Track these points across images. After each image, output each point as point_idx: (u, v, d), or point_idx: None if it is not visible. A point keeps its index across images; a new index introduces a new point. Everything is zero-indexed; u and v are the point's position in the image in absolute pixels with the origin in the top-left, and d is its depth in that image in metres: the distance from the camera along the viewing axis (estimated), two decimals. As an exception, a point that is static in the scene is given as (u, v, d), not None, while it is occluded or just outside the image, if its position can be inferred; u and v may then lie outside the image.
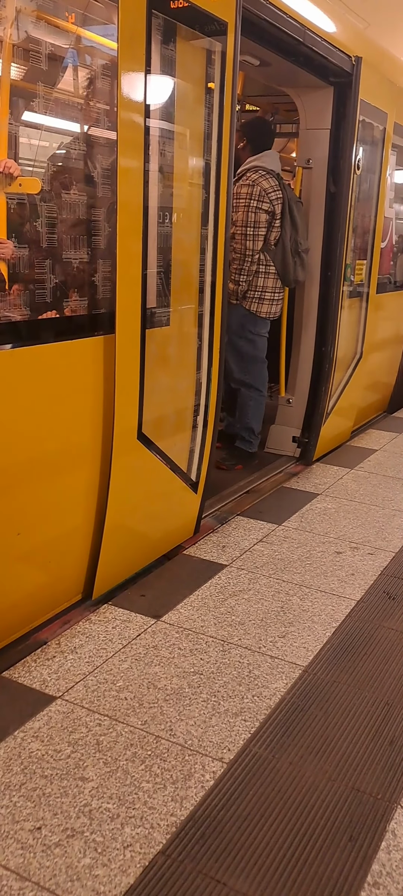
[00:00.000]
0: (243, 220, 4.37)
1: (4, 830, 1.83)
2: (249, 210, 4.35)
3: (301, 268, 4.56)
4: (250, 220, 4.35)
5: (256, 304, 4.49)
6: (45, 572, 2.78)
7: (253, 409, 4.66)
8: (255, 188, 4.36)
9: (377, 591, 3.18)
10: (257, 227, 4.37)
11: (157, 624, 2.81)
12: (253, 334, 4.56)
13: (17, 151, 2.74)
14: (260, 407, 4.71)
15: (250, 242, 4.38)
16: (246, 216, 4.36)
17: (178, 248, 3.24)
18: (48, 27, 2.70)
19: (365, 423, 6.09)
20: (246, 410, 4.66)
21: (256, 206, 4.34)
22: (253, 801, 1.97)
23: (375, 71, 4.92)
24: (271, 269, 4.47)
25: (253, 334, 4.55)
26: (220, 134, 3.28)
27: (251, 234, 4.37)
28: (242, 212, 4.36)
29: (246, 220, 4.36)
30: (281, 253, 4.45)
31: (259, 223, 4.37)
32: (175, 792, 1.99)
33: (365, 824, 1.92)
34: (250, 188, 4.37)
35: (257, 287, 4.47)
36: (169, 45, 2.93)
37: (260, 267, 4.45)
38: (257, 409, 4.69)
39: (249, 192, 4.36)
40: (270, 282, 4.49)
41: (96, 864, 1.75)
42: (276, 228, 4.42)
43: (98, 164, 2.91)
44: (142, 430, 3.01)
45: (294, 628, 2.84)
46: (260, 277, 4.46)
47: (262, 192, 4.35)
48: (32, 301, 2.64)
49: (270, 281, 4.49)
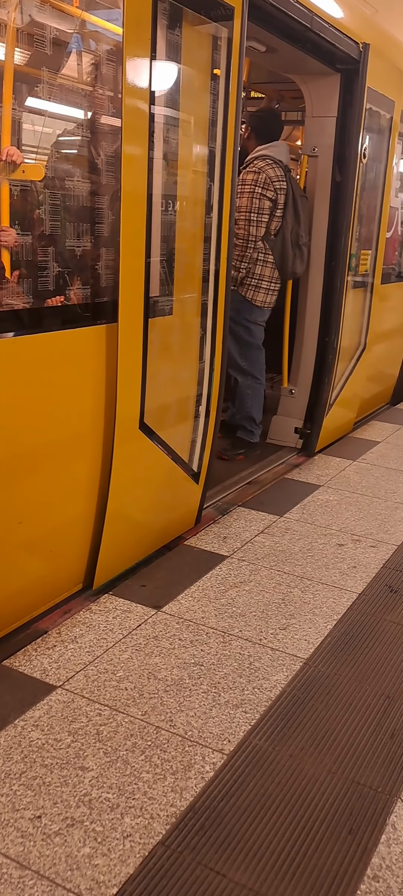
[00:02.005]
0: (247, 206, 4.39)
1: (4, 819, 1.84)
2: (254, 196, 4.37)
3: (299, 260, 4.58)
4: (254, 206, 4.38)
5: (252, 291, 4.51)
6: (46, 561, 2.78)
7: (252, 397, 4.66)
8: (261, 175, 4.39)
9: (379, 583, 3.17)
10: (260, 213, 4.40)
11: (158, 614, 2.81)
12: (249, 322, 4.57)
13: (20, 138, 2.71)
14: (258, 395, 4.71)
15: (253, 228, 4.40)
16: (250, 202, 4.39)
17: (182, 237, 3.22)
18: (52, 11, 2.66)
19: (368, 414, 6.07)
20: (245, 399, 4.67)
21: (260, 193, 4.37)
22: (252, 792, 1.98)
23: (383, 58, 4.87)
24: (269, 259, 4.49)
25: (248, 321, 4.56)
26: (226, 121, 3.25)
27: (254, 220, 4.40)
28: (246, 198, 4.39)
29: (251, 206, 4.39)
30: (281, 243, 4.47)
31: (262, 210, 4.40)
32: (175, 783, 1.99)
33: (365, 817, 1.92)
34: (256, 175, 4.40)
35: (254, 275, 4.50)
36: (174, 31, 2.90)
37: (259, 255, 4.47)
38: (256, 398, 4.69)
39: (254, 179, 4.39)
40: (267, 271, 4.51)
41: (96, 854, 1.76)
42: (277, 218, 4.44)
43: (102, 151, 2.88)
44: (143, 420, 3.00)
45: (295, 620, 2.83)
46: (259, 266, 4.48)
47: (267, 180, 4.38)
48: (34, 289, 2.62)
49: (268, 270, 4.51)
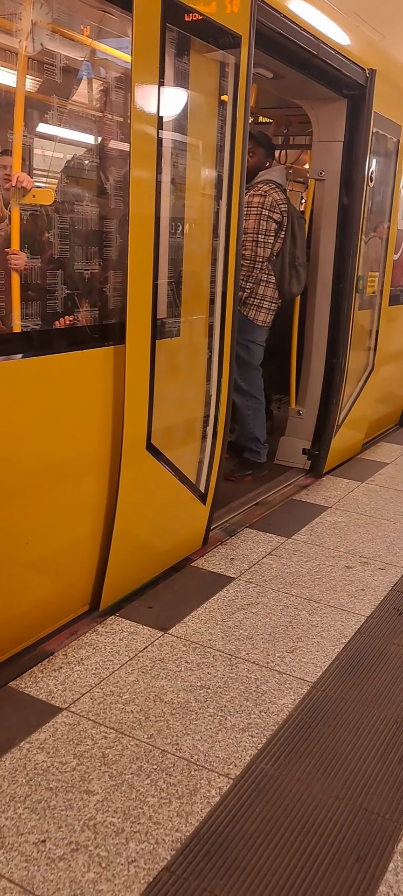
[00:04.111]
0: (254, 228, 4.48)
1: (9, 842, 1.83)
2: (261, 218, 4.47)
3: (296, 280, 4.66)
4: (261, 228, 4.48)
5: (254, 311, 4.56)
6: (53, 582, 2.78)
7: (253, 417, 4.69)
8: (268, 198, 4.49)
9: (387, 607, 3.15)
10: (267, 234, 4.50)
11: (164, 636, 2.80)
12: (249, 341, 4.61)
13: (31, 163, 2.75)
14: (259, 414, 4.73)
15: (260, 249, 4.49)
16: (257, 224, 4.48)
17: (189, 259, 3.24)
18: (63, 40, 2.71)
19: (377, 435, 6.06)
20: (247, 421, 4.70)
21: (268, 215, 4.47)
22: (259, 818, 1.95)
23: (389, 83, 4.91)
24: (271, 280, 4.58)
25: (248, 341, 4.60)
26: (233, 146, 3.29)
27: (262, 241, 4.49)
28: (254, 219, 4.48)
29: (258, 227, 4.48)
30: (280, 264, 4.57)
31: (269, 231, 4.49)
32: (180, 807, 1.97)
33: (373, 844, 1.90)
34: (262, 198, 4.49)
35: (257, 295, 4.56)
36: (182, 58, 2.94)
37: (262, 275, 4.54)
38: (257, 417, 4.71)
39: (261, 202, 4.49)
40: (269, 291, 4.59)
41: (100, 879, 1.74)
42: (280, 239, 4.56)
43: (111, 175, 2.92)
44: (150, 441, 3.01)
45: (302, 643, 2.82)
46: (262, 286, 4.56)
47: (274, 203, 4.49)
48: (43, 311, 2.64)
49: (269, 290, 4.59)
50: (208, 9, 2.98)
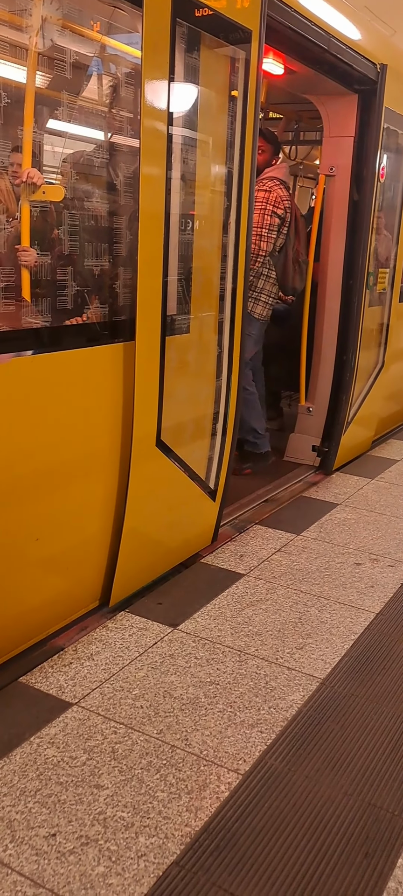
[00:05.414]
0: (258, 222, 4.52)
1: (19, 836, 1.84)
2: (265, 213, 4.52)
3: (299, 276, 4.71)
4: (265, 223, 4.53)
5: (252, 303, 4.57)
6: (63, 578, 2.79)
7: (248, 409, 4.68)
8: (272, 194, 4.55)
9: (396, 604, 3.14)
10: (271, 229, 4.54)
11: (174, 632, 2.81)
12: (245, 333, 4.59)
13: (41, 159, 2.75)
14: (254, 404, 4.72)
15: (264, 243, 4.54)
16: (261, 218, 4.52)
17: (199, 256, 3.24)
18: (73, 36, 2.71)
19: (387, 433, 6.03)
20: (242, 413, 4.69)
21: (272, 210, 4.53)
22: (267, 814, 1.96)
23: (401, 78, 4.88)
24: (271, 274, 4.62)
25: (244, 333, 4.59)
26: (243, 142, 3.28)
27: (265, 235, 4.53)
28: (258, 214, 4.52)
29: (262, 222, 4.52)
30: (283, 260, 4.61)
31: (272, 226, 4.54)
32: (190, 802, 1.98)
33: (381, 841, 1.90)
34: (267, 193, 4.55)
35: (256, 288, 4.59)
36: (192, 54, 2.94)
37: (263, 269, 4.57)
38: (252, 408, 4.70)
39: (266, 197, 4.54)
40: (268, 285, 4.62)
41: (110, 873, 1.75)
42: (283, 235, 4.60)
43: (120, 171, 2.92)
44: (160, 438, 3.01)
45: (311, 640, 2.81)
46: (261, 279, 4.59)
47: (278, 199, 4.55)
48: (53, 308, 2.65)
49: (268, 285, 4.62)
50: (218, 4, 2.98)
